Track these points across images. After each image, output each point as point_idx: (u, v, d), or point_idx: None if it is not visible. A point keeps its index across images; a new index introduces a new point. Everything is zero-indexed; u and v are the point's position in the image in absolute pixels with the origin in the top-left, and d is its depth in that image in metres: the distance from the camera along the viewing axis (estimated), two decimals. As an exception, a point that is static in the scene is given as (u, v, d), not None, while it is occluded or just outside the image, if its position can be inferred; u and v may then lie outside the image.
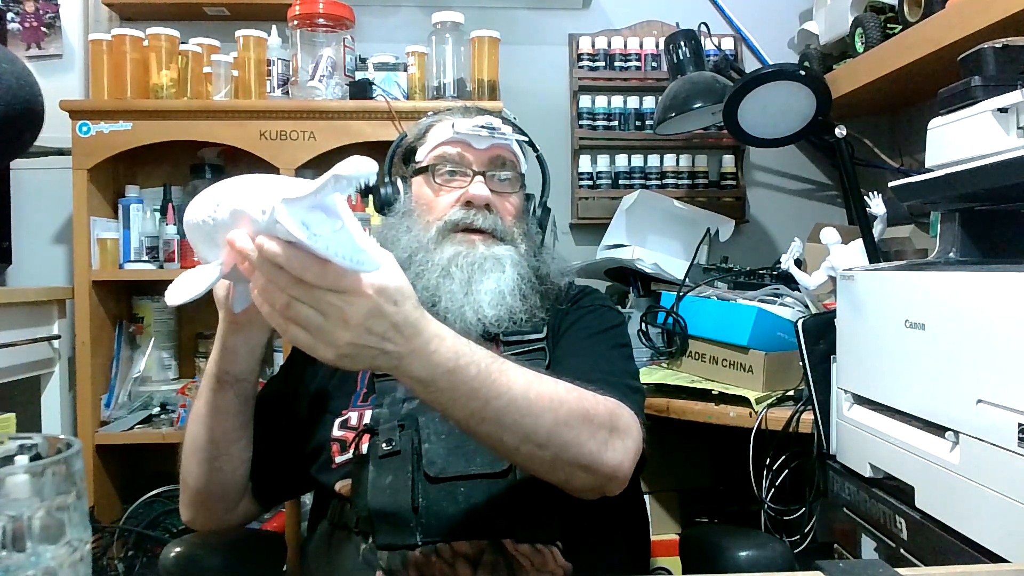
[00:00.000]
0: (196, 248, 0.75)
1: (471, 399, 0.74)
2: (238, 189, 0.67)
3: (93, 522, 1.74)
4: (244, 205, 0.64)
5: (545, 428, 0.79)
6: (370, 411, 0.99)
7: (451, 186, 1.09)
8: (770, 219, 2.26)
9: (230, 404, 0.93)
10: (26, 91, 0.79)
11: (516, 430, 0.78)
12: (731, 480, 1.67)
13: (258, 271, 0.63)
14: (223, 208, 0.66)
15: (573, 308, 1.12)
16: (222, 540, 1.00)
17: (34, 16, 2.10)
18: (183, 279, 0.72)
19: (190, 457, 0.96)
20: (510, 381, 0.77)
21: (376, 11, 2.18)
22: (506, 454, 0.82)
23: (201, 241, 0.73)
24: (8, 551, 0.44)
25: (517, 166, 1.13)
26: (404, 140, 1.20)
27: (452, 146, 1.10)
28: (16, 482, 0.45)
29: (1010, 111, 0.90)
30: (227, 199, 0.66)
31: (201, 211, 0.70)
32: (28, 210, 2.09)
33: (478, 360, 0.75)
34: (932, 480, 0.93)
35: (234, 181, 0.69)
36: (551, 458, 0.81)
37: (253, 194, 0.64)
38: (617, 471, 0.85)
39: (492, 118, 1.11)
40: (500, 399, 0.76)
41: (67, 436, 0.53)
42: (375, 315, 0.65)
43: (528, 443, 0.79)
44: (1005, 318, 0.81)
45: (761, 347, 1.42)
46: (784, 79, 1.58)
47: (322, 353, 0.66)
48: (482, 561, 0.87)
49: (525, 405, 0.77)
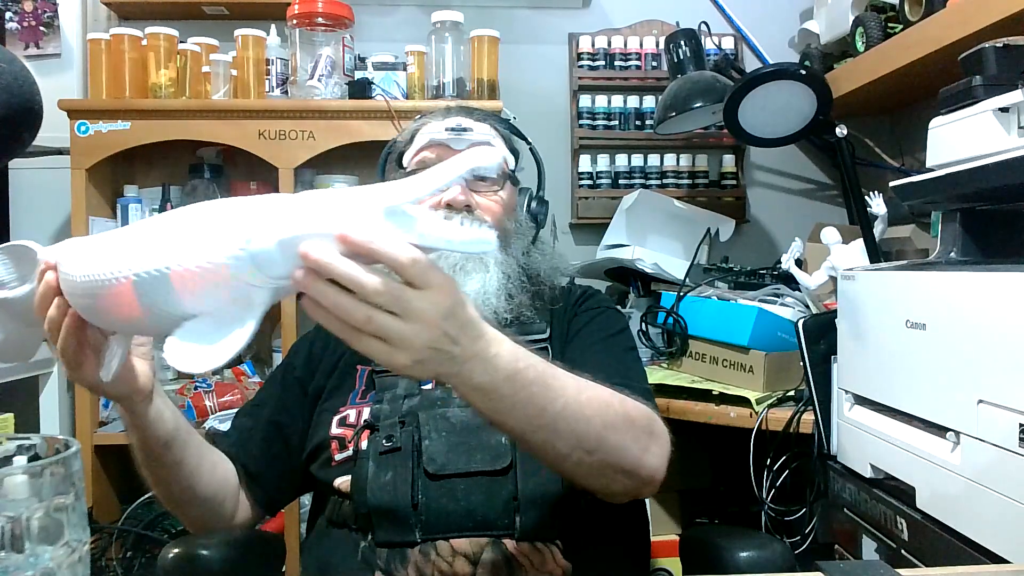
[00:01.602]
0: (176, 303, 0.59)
1: (529, 405, 0.72)
2: (266, 219, 0.57)
3: (92, 522, 1.74)
4: (308, 228, 0.56)
5: (595, 433, 0.78)
6: (368, 408, 0.99)
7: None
8: (770, 219, 2.26)
9: (182, 453, 0.91)
10: (25, 90, 0.78)
11: (569, 436, 0.77)
12: (731, 480, 1.67)
13: (324, 288, 0.58)
14: (263, 238, 0.56)
15: (581, 310, 1.11)
16: (221, 540, 0.99)
17: (32, 15, 2.09)
18: (197, 348, 0.58)
19: (169, 506, 0.98)
20: (564, 385, 0.76)
21: (375, 10, 2.18)
22: (554, 461, 0.80)
23: (203, 290, 0.58)
24: (7, 552, 0.44)
25: (499, 163, 1.10)
26: (395, 146, 1.20)
27: (430, 151, 1.09)
28: (15, 483, 0.45)
29: (1011, 111, 0.90)
30: (265, 229, 0.57)
31: (215, 251, 0.57)
32: (26, 209, 2.09)
33: (534, 363, 0.73)
34: (933, 481, 0.93)
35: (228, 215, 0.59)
36: (598, 463, 0.80)
37: (307, 215, 0.57)
38: (655, 475, 0.85)
39: (463, 118, 1.10)
40: (555, 404, 0.74)
41: (65, 437, 0.53)
42: (450, 314, 0.62)
43: (579, 449, 0.78)
44: (1006, 318, 0.80)
45: (761, 347, 1.42)
46: (785, 79, 1.58)
47: (399, 360, 0.62)
48: (481, 559, 0.87)
49: (578, 410, 0.76)
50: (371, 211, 0.57)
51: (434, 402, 0.98)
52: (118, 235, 0.66)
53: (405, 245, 0.58)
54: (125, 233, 0.65)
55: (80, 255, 0.67)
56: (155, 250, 0.59)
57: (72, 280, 0.66)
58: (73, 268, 0.66)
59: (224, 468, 0.99)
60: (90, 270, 0.63)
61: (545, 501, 0.89)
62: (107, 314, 0.65)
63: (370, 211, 0.57)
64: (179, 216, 0.62)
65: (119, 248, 0.62)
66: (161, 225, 0.62)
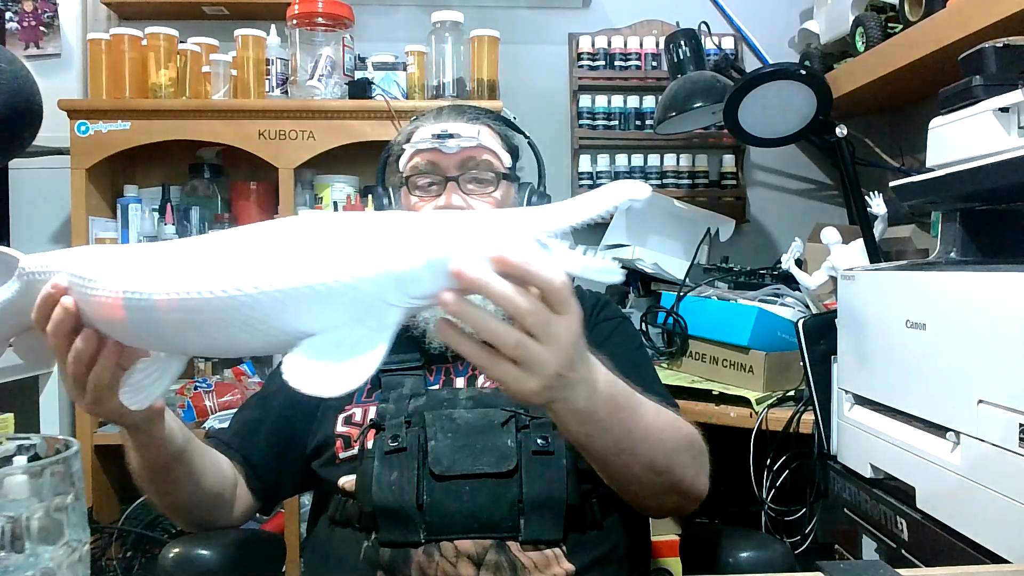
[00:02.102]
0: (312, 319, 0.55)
1: (618, 429, 0.73)
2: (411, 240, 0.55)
3: (92, 522, 1.74)
4: (461, 248, 0.55)
5: (665, 455, 0.80)
6: (375, 407, 0.99)
7: (429, 195, 1.07)
8: (770, 219, 2.26)
9: (190, 464, 0.90)
10: (25, 90, 0.78)
11: (645, 458, 0.78)
12: (731, 480, 1.66)
13: (474, 310, 0.57)
14: (413, 258, 0.55)
15: (600, 320, 1.12)
16: (221, 540, 0.99)
17: (32, 15, 2.09)
18: (325, 369, 0.55)
19: (172, 513, 0.97)
20: (646, 409, 0.77)
21: (375, 10, 2.18)
22: (625, 482, 0.82)
23: (333, 309, 0.55)
24: (7, 551, 0.44)
25: (494, 163, 1.09)
26: (392, 148, 1.19)
27: (421, 156, 1.08)
28: (15, 482, 0.45)
29: (1011, 111, 0.90)
30: (415, 248, 0.55)
31: (358, 268, 0.54)
32: (26, 210, 2.09)
33: (623, 387, 0.73)
34: (933, 481, 0.93)
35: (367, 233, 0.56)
36: (662, 484, 0.83)
37: (457, 235, 0.56)
38: (703, 495, 0.89)
39: (450, 123, 1.09)
40: (639, 427, 0.76)
41: (65, 436, 0.53)
42: (578, 340, 0.62)
43: (650, 471, 0.80)
44: (1006, 318, 0.80)
45: (761, 347, 1.42)
46: (784, 79, 1.58)
47: (529, 386, 0.61)
48: (485, 561, 0.87)
49: (656, 432, 0.78)
50: (523, 235, 0.56)
51: (440, 403, 0.98)
52: (184, 249, 0.60)
53: (558, 268, 0.57)
54: (195, 247, 0.60)
55: (137, 272, 0.60)
56: (279, 266, 0.55)
57: (127, 299, 0.59)
58: (126, 285, 0.59)
59: (222, 464, 0.98)
60: (176, 287, 0.57)
61: (550, 504, 0.89)
62: (183, 336, 0.59)
63: (521, 235, 0.56)
64: (287, 230, 0.58)
65: (212, 263, 0.57)
66: (263, 239, 0.58)
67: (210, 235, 0.62)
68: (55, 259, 0.67)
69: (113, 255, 0.64)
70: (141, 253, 0.63)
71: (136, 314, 0.59)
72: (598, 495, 0.93)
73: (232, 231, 0.61)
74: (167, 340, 0.61)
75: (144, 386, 0.66)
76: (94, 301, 0.62)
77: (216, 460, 0.97)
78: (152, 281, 0.58)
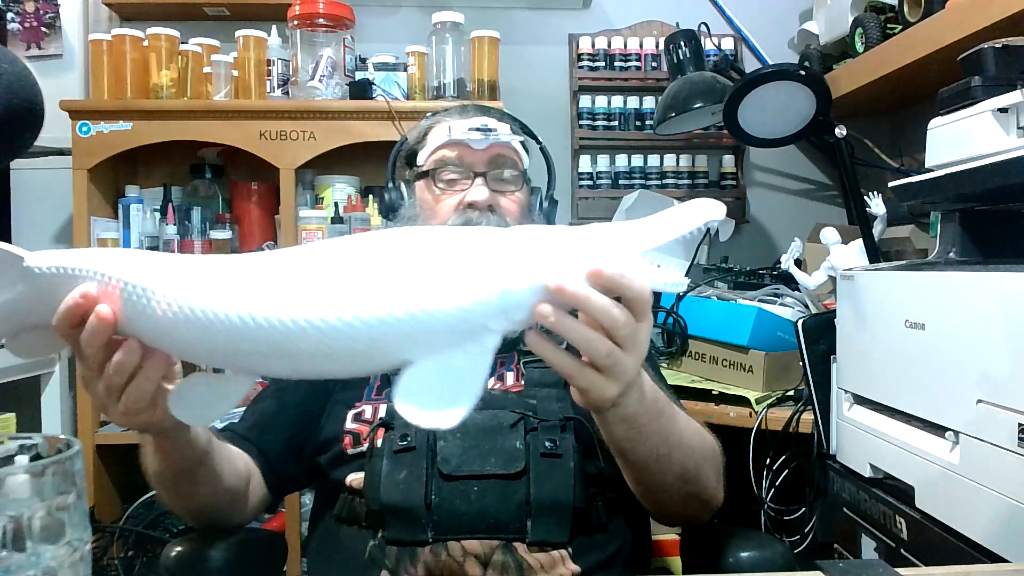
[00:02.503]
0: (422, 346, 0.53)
1: (658, 435, 0.76)
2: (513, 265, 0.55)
3: (93, 522, 1.74)
4: (563, 268, 0.56)
5: (694, 464, 0.83)
6: (385, 405, 0.99)
7: (453, 189, 1.08)
8: (770, 219, 2.26)
9: (212, 465, 0.88)
10: (26, 91, 0.79)
11: (677, 466, 0.81)
12: (731, 480, 1.67)
13: (573, 323, 0.59)
14: (520, 281, 0.54)
15: None
16: (223, 539, 0.99)
17: (34, 16, 2.10)
18: (433, 401, 0.54)
19: (191, 516, 0.96)
20: (679, 416, 0.79)
21: (376, 11, 2.18)
22: (656, 490, 0.84)
23: (434, 336, 0.53)
24: (8, 551, 0.44)
25: (518, 163, 1.12)
26: (405, 144, 1.19)
27: (450, 149, 1.08)
28: (16, 482, 0.45)
29: (1010, 111, 0.90)
30: (521, 273, 0.55)
31: (461, 295, 0.53)
32: (28, 210, 2.09)
33: (660, 394, 0.75)
34: (932, 480, 0.93)
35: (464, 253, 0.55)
36: (687, 493, 0.86)
37: (557, 255, 0.57)
38: (719, 504, 0.91)
39: (488, 118, 1.10)
40: (674, 433, 0.78)
41: (67, 436, 0.53)
42: (647, 345, 0.65)
43: (680, 479, 0.83)
44: (1005, 318, 0.81)
45: (761, 347, 1.42)
46: (784, 79, 1.58)
47: (610, 392, 0.64)
48: (492, 561, 0.87)
49: (688, 440, 0.81)
50: (613, 251, 0.58)
51: None
52: (268, 265, 0.57)
53: (645, 279, 0.60)
54: (282, 264, 0.57)
55: (212, 286, 0.56)
56: (382, 292, 0.52)
57: (204, 318, 0.55)
58: (202, 303, 0.55)
59: (236, 460, 0.97)
60: (267, 310, 0.53)
61: (557, 507, 0.89)
62: (264, 361, 0.56)
63: (612, 251, 0.59)
64: (382, 249, 0.56)
65: (308, 286, 0.54)
66: (359, 260, 0.55)
67: (293, 251, 0.58)
68: (73, 259, 0.63)
69: (162, 262, 0.61)
70: (209, 264, 0.59)
71: (211, 335, 0.55)
72: (604, 498, 0.94)
73: (318, 247, 0.58)
74: (242, 362, 0.58)
75: (207, 403, 0.62)
76: (151, 314, 0.58)
77: (231, 456, 0.96)
78: (235, 300, 0.54)
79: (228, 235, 1.94)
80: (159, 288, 0.58)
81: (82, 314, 0.61)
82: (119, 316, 0.60)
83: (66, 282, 0.62)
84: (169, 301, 0.57)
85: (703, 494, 0.88)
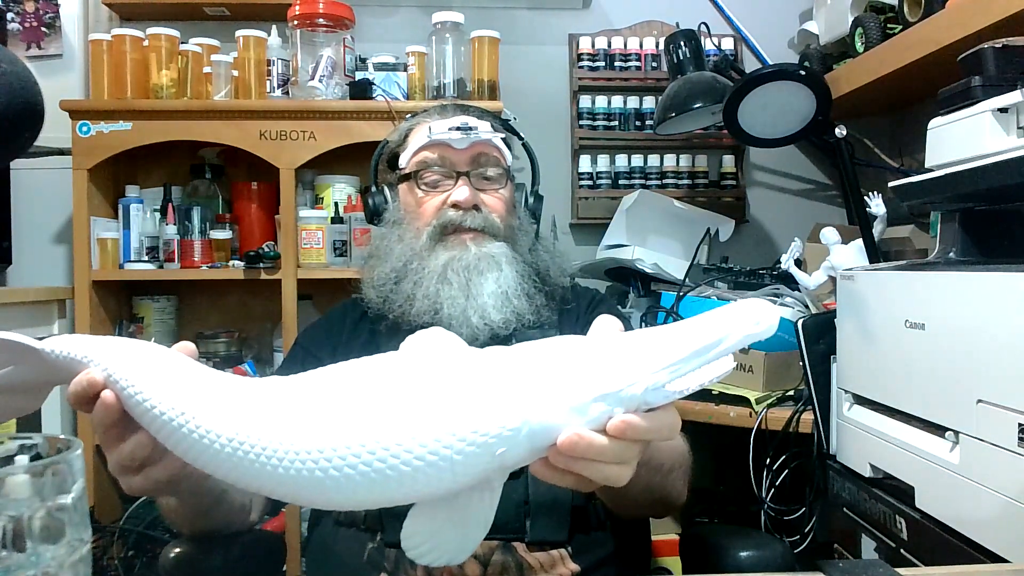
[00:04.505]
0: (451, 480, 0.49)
1: (654, 470, 0.80)
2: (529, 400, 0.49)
3: (93, 522, 1.73)
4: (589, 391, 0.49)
5: (671, 483, 0.88)
6: None
7: (436, 190, 1.08)
8: (770, 219, 2.26)
9: (228, 497, 0.86)
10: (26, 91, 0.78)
11: (658, 492, 0.86)
12: (731, 480, 1.67)
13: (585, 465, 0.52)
14: (549, 413, 0.49)
15: (596, 316, 1.11)
16: (222, 540, 0.99)
17: (34, 16, 2.09)
18: (443, 540, 0.52)
19: (200, 533, 0.94)
20: (672, 447, 0.84)
21: (376, 11, 2.18)
22: (620, 497, 0.84)
23: (467, 475, 0.49)
24: (8, 551, 0.44)
25: (501, 161, 1.11)
26: (387, 146, 1.19)
27: (431, 150, 1.08)
28: (16, 482, 0.45)
29: (1010, 111, 0.91)
30: (548, 402, 0.49)
31: (481, 426, 0.48)
32: (28, 210, 2.09)
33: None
34: (932, 480, 0.93)
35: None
36: (658, 505, 0.90)
37: (580, 378, 0.50)
38: (683, 502, 0.94)
39: (468, 117, 1.09)
40: (664, 464, 0.82)
41: (67, 436, 0.53)
42: None
43: (660, 503, 0.88)
44: (1005, 318, 0.81)
45: (761, 347, 1.42)
46: (784, 79, 1.58)
47: (626, 475, 0.55)
48: (491, 561, 0.87)
49: (667, 464, 0.84)
50: (636, 391, 0.50)
51: None
52: (291, 400, 0.53)
53: (672, 412, 0.53)
54: (302, 396, 0.53)
55: (226, 412, 0.53)
56: (406, 432, 0.48)
57: (194, 440, 0.53)
58: (203, 423, 0.53)
59: None
60: (291, 444, 0.50)
61: (555, 506, 0.90)
62: (271, 490, 0.53)
63: (635, 391, 0.50)
64: (402, 383, 0.52)
65: (332, 428, 0.50)
66: (377, 395, 0.51)
67: (295, 381, 0.55)
68: (84, 347, 0.60)
69: (170, 369, 0.58)
70: (216, 384, 0.56)
71: (207, 456, 0.53)
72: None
73: (326, 376, 0.55)
74: (251, 485, 0.54)
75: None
76: (150, 422, 0.56)
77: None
78: (236, 427, 0.52)
79: (228, 235, 1.94)
80: (161, 400, 0.56)
81: (88, 398, 0.60)
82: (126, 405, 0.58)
83: (76, 366, 0.60)
84: (170, 416, 0.55)
85: (667, 499, 0.90)
